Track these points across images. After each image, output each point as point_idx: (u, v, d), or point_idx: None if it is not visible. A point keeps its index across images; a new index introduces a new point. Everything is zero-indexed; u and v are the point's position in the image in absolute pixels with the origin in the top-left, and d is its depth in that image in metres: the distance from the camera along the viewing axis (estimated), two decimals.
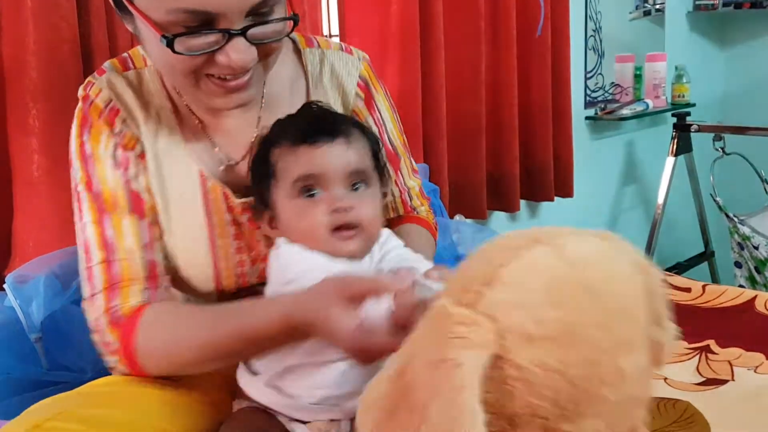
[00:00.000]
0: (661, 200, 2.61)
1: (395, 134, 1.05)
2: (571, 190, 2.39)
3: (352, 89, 0.99)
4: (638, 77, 2.74)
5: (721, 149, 2.51)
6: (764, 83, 3.13)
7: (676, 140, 2.59)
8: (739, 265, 2.50)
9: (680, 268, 2.70)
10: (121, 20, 0.83)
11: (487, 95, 2.05)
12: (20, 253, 1.24)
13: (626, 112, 2.61)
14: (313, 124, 0.83)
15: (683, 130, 2.57)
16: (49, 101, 1.22)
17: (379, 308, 0.65)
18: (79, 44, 1.26)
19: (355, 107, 1.00)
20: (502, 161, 2.15)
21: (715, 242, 2.82)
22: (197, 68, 0.78)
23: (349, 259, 0.81)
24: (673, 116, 2.62)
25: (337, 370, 0.78)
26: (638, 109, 2.64)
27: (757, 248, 2.39)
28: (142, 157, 0.88)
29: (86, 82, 0.90)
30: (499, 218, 2.32)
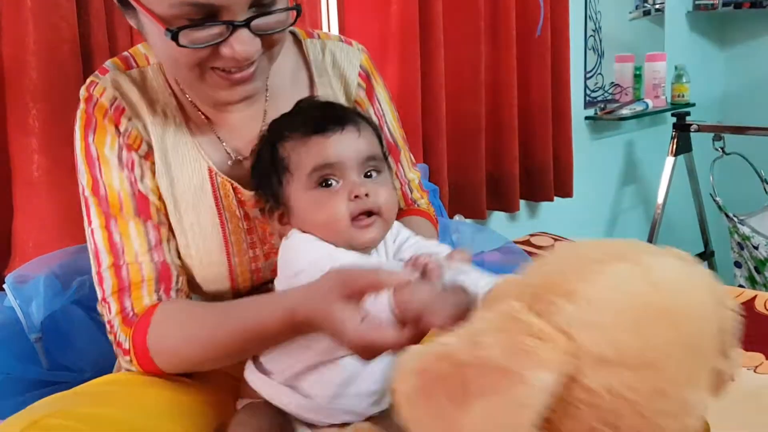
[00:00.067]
0: (660, 200, 2.61)
1: (395, 126, 1.04)
2: (570, 190, 2.39)
3: (354, 79, 0.99)
4: (638, 77, 2.74)
5: (720, 149, 2.51)
6: (764, 83, 3.13)
7: (675, 140, 2.59)
8: (738, 264, 2.50)
9: None
10: (123, 16, 0.82)
11: (486, 95, 2.05)
12: (20, 253, 1.24)
13: (626, 112, 2.61)
14: (321, 114, 0.82)
15: (683, 129, 2.57)
16: (49, 101, 1.22)
17: (379, 304, 0.65)
18: (78, 44, 1.26)
19: (357, 97, 1.00)
20: (501, 161, 2.15)
21: (714, 242, 2.82)
22: (202, 61, 0.78)
23: (362, 251, 0.80)
24: (672, 116, 2.62)
25: (351, 367, 0.78)
26: (638, 109, 2.64)
27: (756, 248, 2.40)
28: (147, 157, 0.88)
29: (89, 81, 0.89)
30: (498, 218, 2.32)
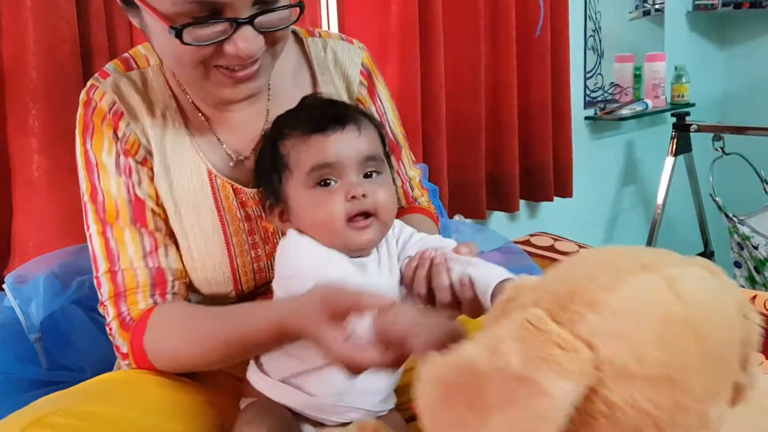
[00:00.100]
0: (660, 200, 2.61)
1: (396, 123, 1.05)
2: (570, 190, 2.39)
3: (356, 77, 0.99)
4: (638, 77, 2.74)
5: (720, 149, 2.51)
6: (764, 83, 3.13)
7: (675, 140, 2.59)
8: (738, 265, 2.50)
9: None
10: (124, 16, 0.83)
11: (486, 95, 2.05)
12: (20, 253, 1.24)
13: (626, 112, 2.61)
14: (322, 113, 0.82)
15: (683, 130, 2.57)
16: (48, 101, 1.22)
17: (362, 326, 0.66)
18: (78, 44, 1.26)
19: (359, 95, 1.00)
20: (501, 161, 2.15)
21: (714, 242, 2.82)
22: (205, 59, 0.78)
23: (359, 252, 0.80)
24: (672, 116, 2.62)
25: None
26: (638, 109, 2.64)
27: (756, 248, 2.40)
28: (145, 162, 0.88)
29: (89, 85, 0.89)
30: (498, 218, 2.32)
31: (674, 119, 2.60)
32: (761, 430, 0.90)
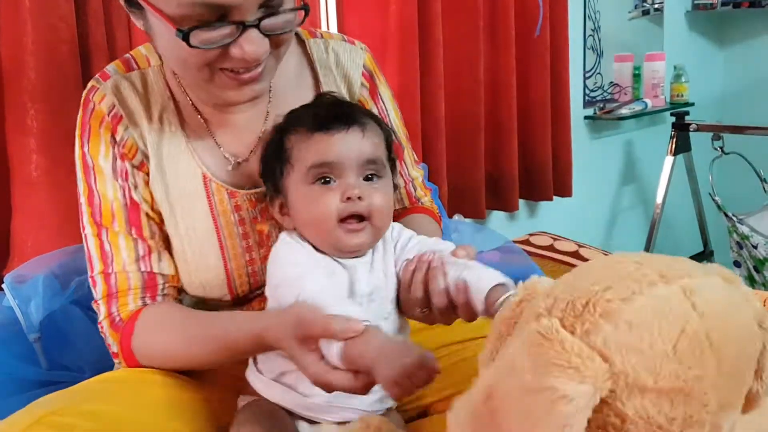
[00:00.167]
0: (659, 200, 2.61)
1: (398, 124, 1.05)
2: (569, 189, 2.39)
3: (357, 79, 0.99)
4: (637, 77, 2.74)
5: (719, 148, 2.51)
6: (763, 82, 3.13)
7: (674, 140, 2.59)
8: (738, 264, 2.50)
9: None
10: (124, 17, 0.83)
11: (485, 95, 2.05)
12: (19, 252, 1.24)
13: (625, 111, 2.61)
14: (328, 112, 0.83)
15: (682, 129, 2.57)
16: (47, 101, 1.22)
17: (329, 351, 0.67)
18: (77, 44, 1.26)
19: (360, 97, 1.00)
20: (500, 161, 2.15)
21: (713, 241, 2.82)
22: (211, 62, 0.78)
23: (350, 254, 0.81)
24: (671, 115, 2.62)
25: None
26: (637, 108, 2.64)
27: (755, 247, 2.40)
28: (141, 167, 0.89)
29: (89, 87, 0.90)
30: (498, 218, 2.32)
31: (673, 119, 2.60)
32: (761, 429, 0.90)
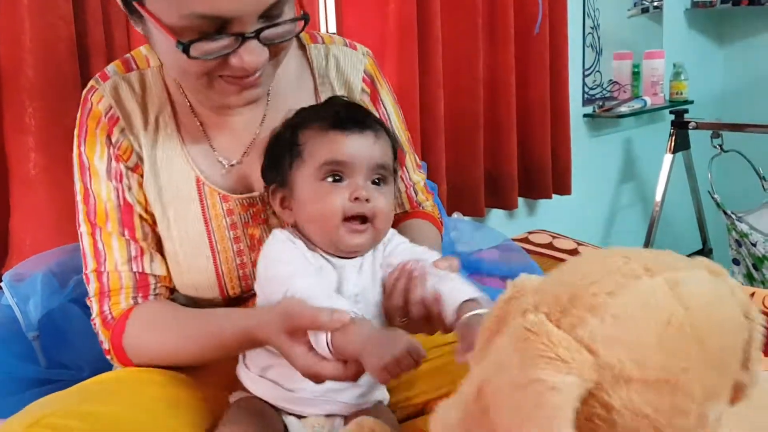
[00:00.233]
0: (659, 197, 2.61)
1: (400, 128, 1.05)
2: (569, 187, 2.39)
3: (357, 85, 1.00)
4: (636, 74, 2.74)
5: (719, 146, 2.51)
6: (762, 80, 3.13)
7: (674, 137, 2.59)
8: (737, 262, 2.51)
9: None
10: (122, 16, 0.83)
11: (485, 93, 2.05)
12: (17, 251, 1.24)
13: (624, 109, 2.61)
14: (347, 112, 0.84)
15: (681, 127, 2.57)
16: (45, 100, 1.22)
17: (319, 344, 0.69)
18: (75, 43, 1.26)
19: (360, 102, 1.00)
20: (500, 159, 2.15)
21: (712, 239, 2.82)
22: (210, 71, 0.79)
23: (348, 254, 0.81)
24: (671, 113, 2.62)
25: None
26: (636, 106, 2.64)
27: (754, 245, 2.40)
28: (136, 169, 0.90)
29: (89, 86, 0.91)
30: (497, 216, 2.32)
31: (673, 116, 2.60)
32: (761, 426, 0.90)
